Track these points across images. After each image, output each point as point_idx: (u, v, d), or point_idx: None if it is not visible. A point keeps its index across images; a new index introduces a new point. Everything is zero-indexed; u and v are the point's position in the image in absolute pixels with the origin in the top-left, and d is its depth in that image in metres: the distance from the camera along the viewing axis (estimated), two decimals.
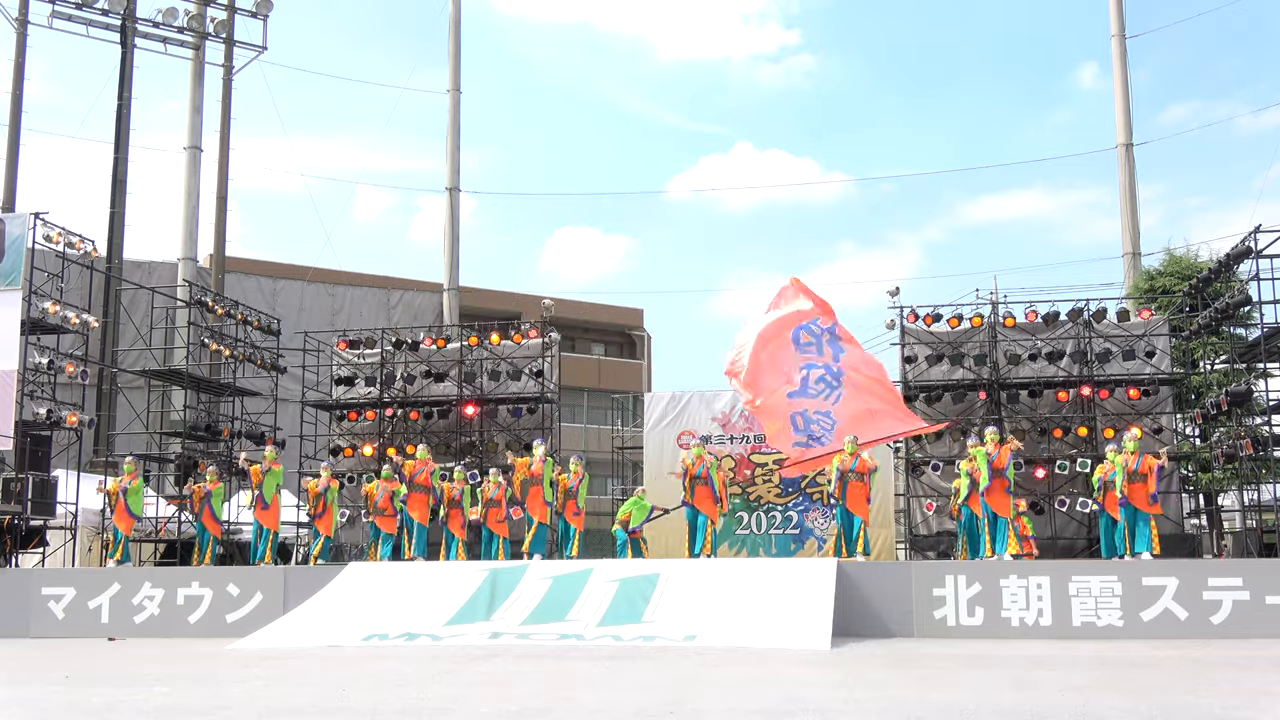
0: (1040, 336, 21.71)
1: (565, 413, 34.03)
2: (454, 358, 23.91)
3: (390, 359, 24.14)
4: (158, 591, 15.93)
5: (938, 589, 13.95)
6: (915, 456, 21.82)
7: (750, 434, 22.71)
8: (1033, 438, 21.11)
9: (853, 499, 16.45)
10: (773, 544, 22.23)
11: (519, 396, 23.38)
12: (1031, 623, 13.61)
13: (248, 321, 24.23)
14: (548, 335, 23.58)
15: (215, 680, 10.51)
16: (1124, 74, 33.43)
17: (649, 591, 14.00)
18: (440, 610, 14.22)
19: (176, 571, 16.99)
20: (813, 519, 22.19)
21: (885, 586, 14.14)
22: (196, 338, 23.55)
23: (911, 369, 21.91)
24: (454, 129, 36.96)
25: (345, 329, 26.44)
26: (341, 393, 24.29)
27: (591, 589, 14.27)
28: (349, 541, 22.46)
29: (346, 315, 36.57)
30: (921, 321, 21.82)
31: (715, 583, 14.25)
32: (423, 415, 23.56)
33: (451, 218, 36.53)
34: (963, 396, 21.51)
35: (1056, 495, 20.68)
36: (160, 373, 23.40)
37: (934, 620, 13.85)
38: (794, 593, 13.64)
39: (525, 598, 14.33)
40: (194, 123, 33.82)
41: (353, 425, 24.08)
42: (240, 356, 23.81)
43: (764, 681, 9.66)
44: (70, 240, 20.26)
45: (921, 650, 12.29)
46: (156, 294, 24.73)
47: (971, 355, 21.74)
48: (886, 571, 14.71)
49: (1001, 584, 13.79)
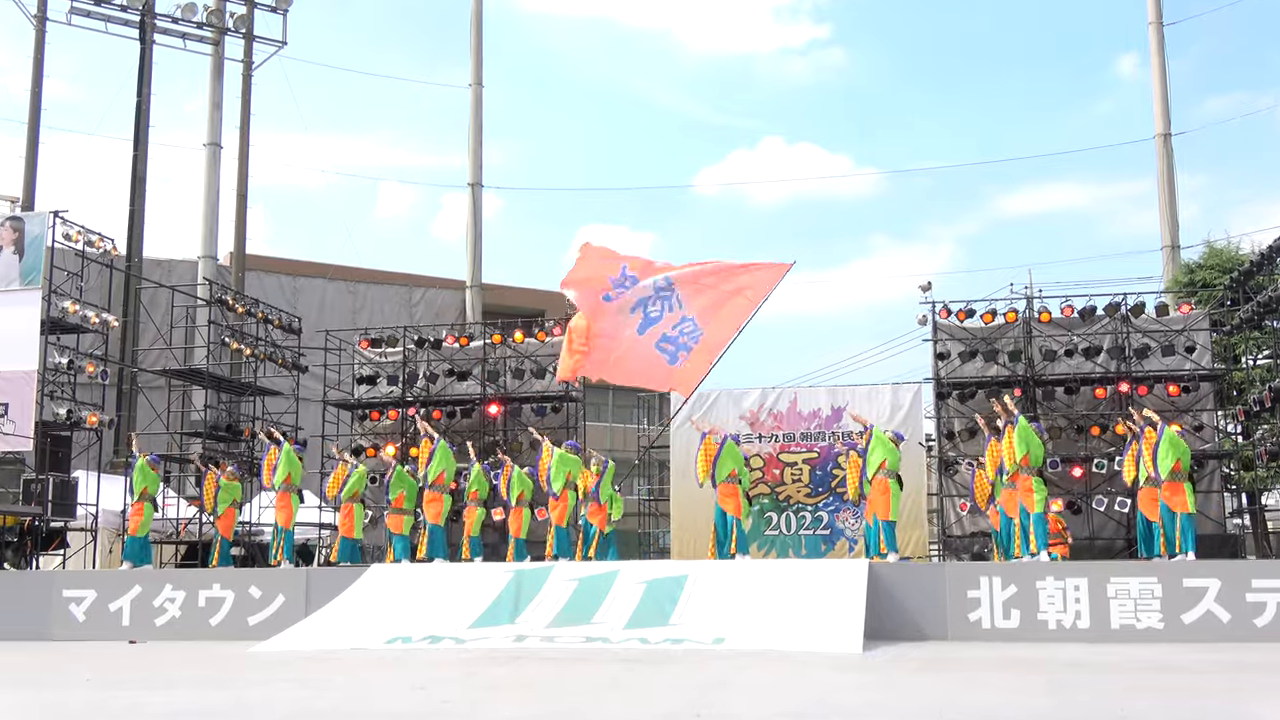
0: (1077, 332, 21.57)
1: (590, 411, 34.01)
2: (477, 356, 23.97)
3: (412, 357, 24.21)
4: (179, 594, 16.03)
5: (972, 590, 13.88)
6: (949, 455, 21.73)
7: (779, 432, 22.69)
8: (1069, 435, 20.99)
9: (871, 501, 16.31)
10: (802, 545, 22.19)
11: (543, 395, 23.41)
12: (1069, 625, 13.51)
13: (268, 320, 24.35)
14: None
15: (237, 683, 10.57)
16: (1162, 63, 33.18)
17: (677, 593, 13.98)
18: (464, 613, 14.24)
19: (198, 574, 17.10)
20: (843, 519, 22.13)
21: (918, 588, 14.08)
22: (217, 337, 23.70)
23: (944, 365, 21.82)
24: (476, 124, 37.04)
25: (367, 327, 26.51)
26: (363, 392, 24.38)
27: (618, 591, 14.27)
28: (371, 543, 22.55)
29: (368, 313, 36.69)
30: (954, 317, 21.71)
31: (744, 584, 14.22)
32: (445, 414, 23.61)
33: (474, 214, 36.61)
34: (997, 394, 21.36)
35: (1094, 494, 20.55)
36: (180, 372, 23.55)
37: (968, 623, 13.76)
38: (825, 594, 13.60)
39: (551, 600, 14.34)
40: (213, 119, 34.03)
41: (375, 425, 24.18)
42: (261, 355, 23.93)
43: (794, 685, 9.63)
44: (90, 239, 20.41)
45: (955, 653, 12.24)
46: (176, 293, 24.90)
47: (1006, 351, 21.63)
48: (919, 573, 14.65)
49: (1038, 586, 13.70)
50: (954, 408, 21.77)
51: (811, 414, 22.86)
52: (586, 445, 19.31)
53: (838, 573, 14.39)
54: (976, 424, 19.77)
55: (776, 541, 22.27)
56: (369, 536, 22.41)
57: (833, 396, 22.98)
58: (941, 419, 21.84)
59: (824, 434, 22.63)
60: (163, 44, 33.32)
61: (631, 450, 27.22)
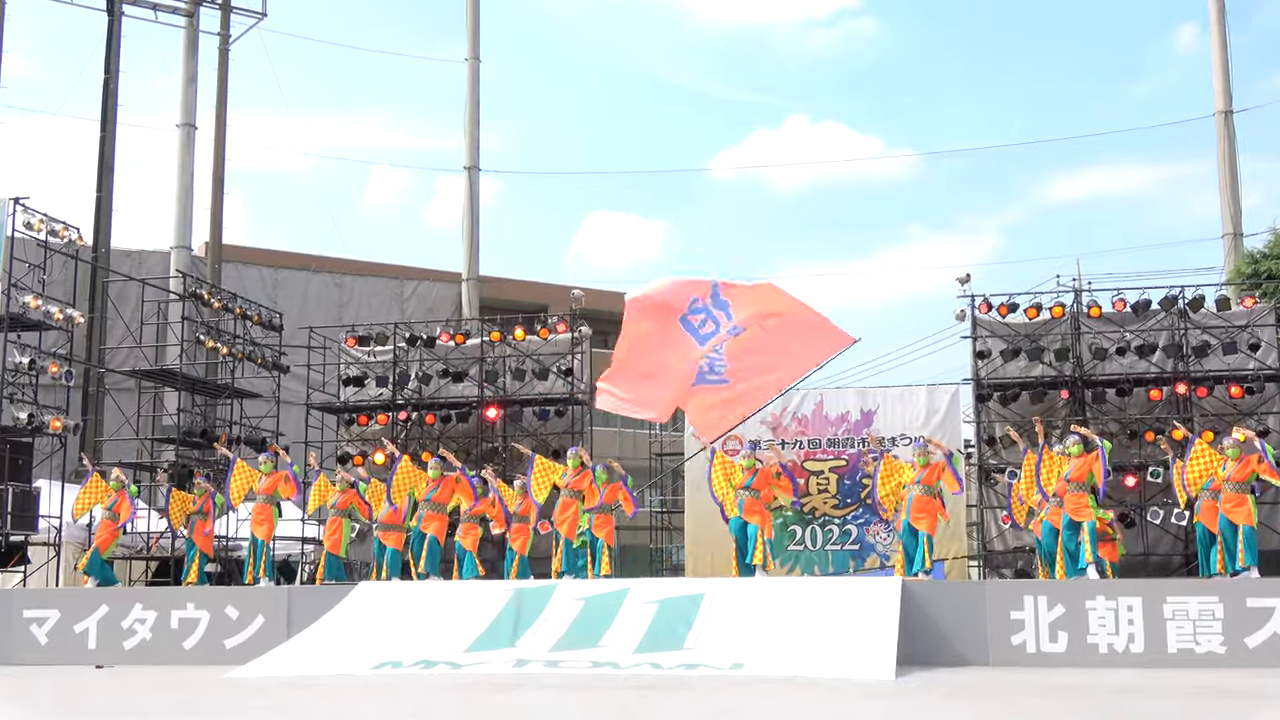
0: (1129, 328, 21.50)
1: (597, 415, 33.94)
2: (474, 355, 23.96)
3: (404, 357, 24.22)
4: (149, 614, 16.04)
5: (1015, 611, 13.85)
6: (989, 463, 21.68)
7: (803, 439, 22.65)
8: (1122, 441, 20.91)
9: (917, 511, 16.37)
10: (829, 561, 22.15)
11: (546, 398, 23.40)
12: (1121, 649, 13.48)
13: (247, 316, 24.38)
14: (578, 329, 23.60)
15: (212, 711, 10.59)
16: (1223, 33, 33.05)
17: (692, 614, 13.98)
18: (460, 635, 14.25)
19: (170, 592, 17.13)
20: (874, 533, 22.09)
21: (956, 608, 14.06)
22: (191, 334, 23.72)
23: (984, 365, 21.76)
24: (473, 102, 37.07)
25: (354, 324, 26.49)
26: (350, 394, 24.39)
27: (628, 611, 14.26)
28: (359, 559, 22.58)
29: (355, 308, 36.75)
30: (995, 312, 21.65)
31: (766, 604, 14.21)
32: (440, 419, 23.62)
33: (471, 200, 36.65)
34: (1042, 396, 21.34)
35: (1149, 506, 20.48)
36: (152, 373, 23.58)
37: (1011, 646, 13.74)
38: (854, 615, 13.58)
39: (554, 621, 14.34)
40: (187, 97, 34.10)
41: (363, 430, 24.19)
42: (239, 355, 23.97)
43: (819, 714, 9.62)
44: (53, 228, 20.46)
45: (997, 679, 12.22)
46: (147, 286, 24.94)
47: (1052, 349, 21.56)
48: (958, 592, 14.63)
49: (1087, 606, 13.67)
50: (995, 411, 21.70)
51: (839, 418, 22.81)
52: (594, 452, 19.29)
53: (868, 592, 14.37)
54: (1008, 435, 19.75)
55: (801, 557, 22.24)
56: (356, 552, 22.43)
57: (862, 399, 22.92)
58: (981, 423, 21.78)
59: (853, 440, 22.58)
60: (132, 15, 33.41)
61: (643, 458, 27.17)
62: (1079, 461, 15.92)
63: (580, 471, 17.91)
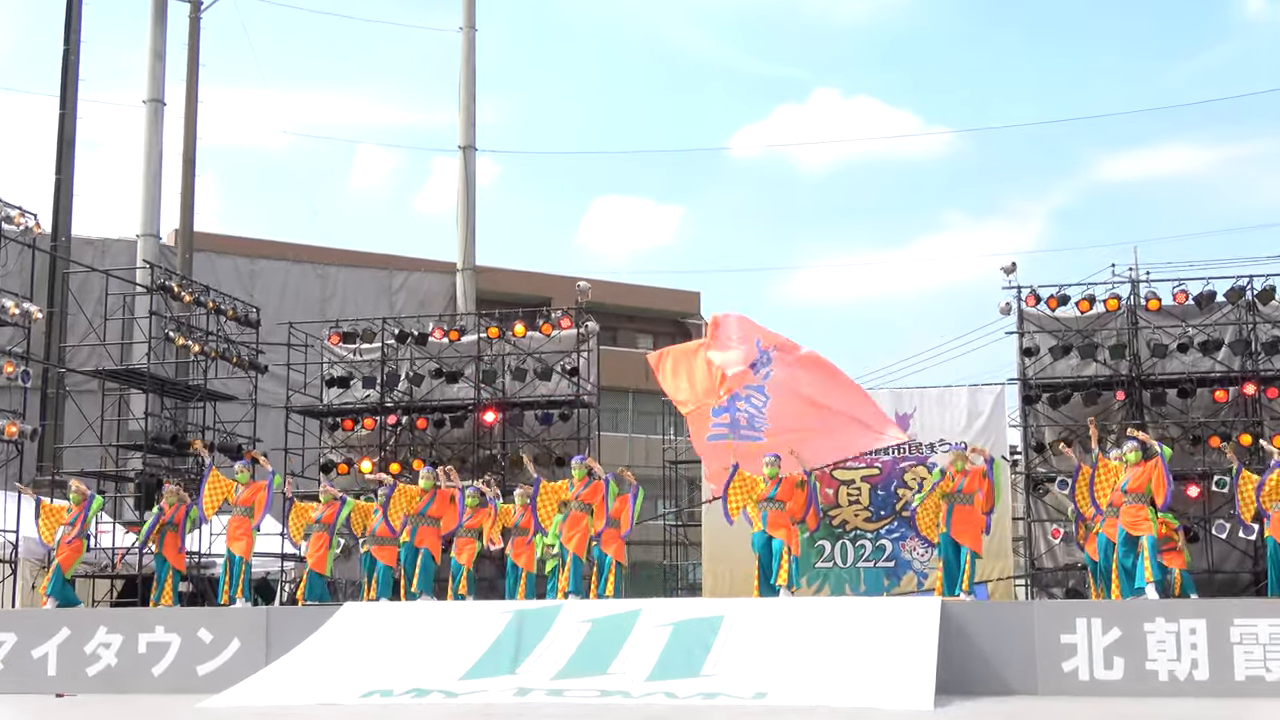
0: (1192, 322, 21.45)
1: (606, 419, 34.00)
2: (470, 353, 23.97)
3: (393, 355, 24.24)
4: (114, 638, 16.08)
5: (1067, 635, 13.84)
6: (1038, 472, 21.63)
7: None
8: (1184, 447, 20.84)
9: (960, 525, 16.35)
10: (861, 579, 22.09)
11: (549, 400, 23.40)
12: (1184, 676, 13.46)
13: (221, 310, 24.41)
14: (584, 325, 23.58)
15: None
16: None
17: (710, 638, 13.99)
18: (455, 661, 14.28)
19: (137, 614, 17.16)
20: (910, 548, 22.02)
21: (1002, 632, 14.06)
22: (160, 331, 23.75)
23: (1032, 363, 21.71)
24: (468, 75, 37.07)
25: (339, 319, 26.53)
26: (334, 396, 24.42)
27: (640, 635, 14.27)
28: (344, 577, 22.60)
29: (340, 302, 36.76)
30: (1045, 304, 21.60)
31: (791, 627, 14.20)
32: (432, 423, 23.63)
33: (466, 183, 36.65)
34: (1095, 397, 21.29)
35: (1214, 519, 20.42)
36: (117, 373, 23.61)
37: (1062, 673, 13.74)
38: (888, 639, 13.58)
39: (558, 645, 14.36)
40: (154, 71, 34.11)
41: (348, 435, 24.21)
42: (213, 353, 23.99)
43: None
44: (8, 214, 20.49)
45: (1046, 710, 12.21)
46: (111, 278, 24.93)
47: (1107, 346, 21.52)
48: (1003, 613, 14.63)
49: (1146, 629, 13.67)
50: (1044, 414, 21.66)
51: None
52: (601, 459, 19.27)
53: (904, 613, 14.37)
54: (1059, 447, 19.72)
55: (830, 575, 22.18)
56: (342, 569, 22.45)
57: (897, 401, 22.85)
58: (1029, 427, 21.74)
59: (887, 446, 22.52)
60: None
61: (655, 466, 27.17)
62: (1137, 470, 15.87)
63: (590, 482, 17.88)
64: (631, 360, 45.41)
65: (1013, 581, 22.36)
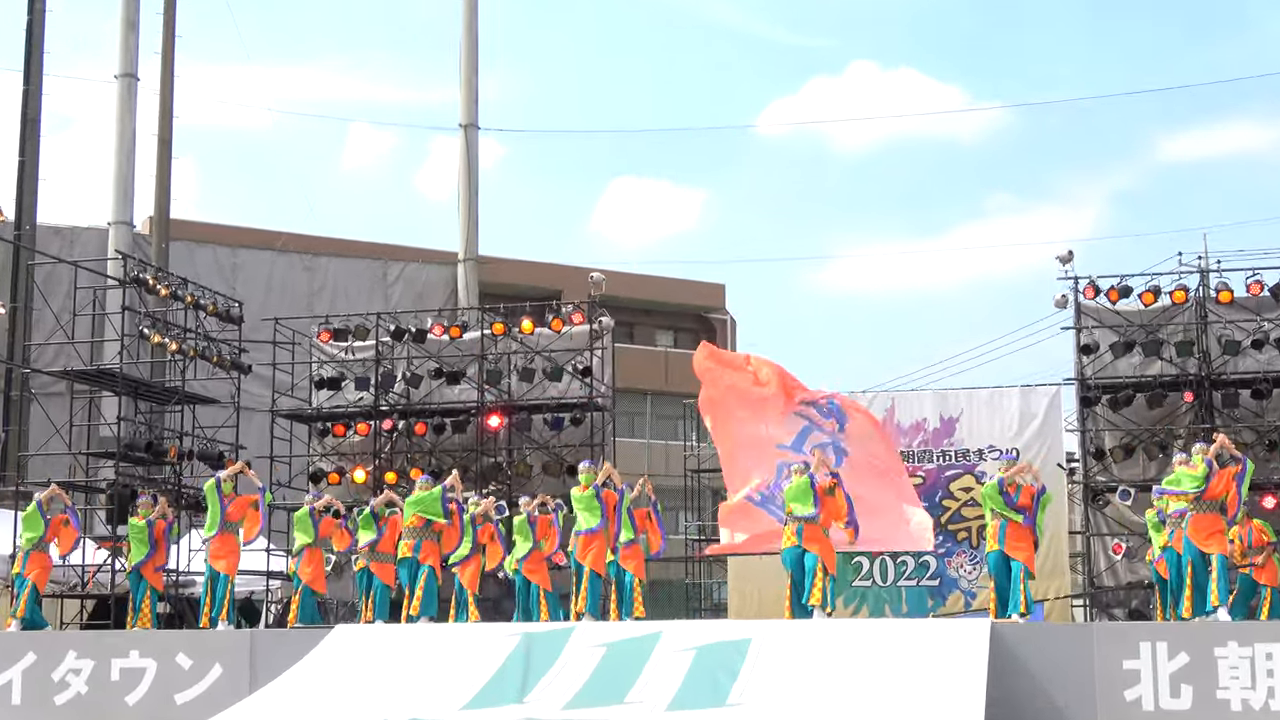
0: (1268, 316, 21.39)
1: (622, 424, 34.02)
2: (473, 351, 23.99)
3: (388, 353, 24.27)
4: (85, 663, 16.12)
5: (1129, 660, 13.81)
6: (1098, 481, 21.59)
7: None
8: (1258, 453, 20.79)
9: (1014, 539, 16.31)
10: (903, 599, 22.11)
11: (560, 402, 23.42)
12: (1259, 706, 13.41)
13: (201, 305, 24.44)
14: (598, 321, 23.60)
15: None
16: None
17: (737, 664, 13.99)
18: (457, 689, 14.31)
19: (110, 637, 17.19)
20: (956, 565, 22.03)
21: (1058, 657, 14.05)
22: (133, 327, 23.80)
23: (1090, 362, 21.67)
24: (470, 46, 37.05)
25: (329, 314, 26.58)
26: (324, 399, 24.47)
27: (659, 660, 14.28)
28: (335, 597, 22.64)
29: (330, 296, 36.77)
30: (1104, 297, 21.57)
31: (826, 652, 14.20)
32: (432, 428, 23.65)
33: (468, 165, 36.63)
34: (1161, 399, 21.24)
35: None
36: (87, 374, 23.67)
37: (1124, 702, 13.71)
38: (933, 665, 13.56)
39: (570, 672, 14.36)
40: (127, 43, 34.17)
41: (339, 442, 24.25)
42: (191, 352, 24.01)
43: None
44: None
45: None
46: (81, 269, 25.02)
47: (1173, 342, 21.47)
48: (1059, 636, 14.62)
49: (1217, 654, 13.61)
50: (1104, 417, 21.61)
51: (914, 426, 22.75)
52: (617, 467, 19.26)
53: (950, 636, 14.37)
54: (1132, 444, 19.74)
55: (869, 595, 22.20)
56: (333, 589, 22.49)
57: (942, 403, 22.87)
58: (1088, 432, 21.69)
59: (931, 453, 22.54)
60: None
61: (676, 475, 27.19)
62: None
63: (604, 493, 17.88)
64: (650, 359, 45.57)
65: (1070, 602, 22.34)
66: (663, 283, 47.53)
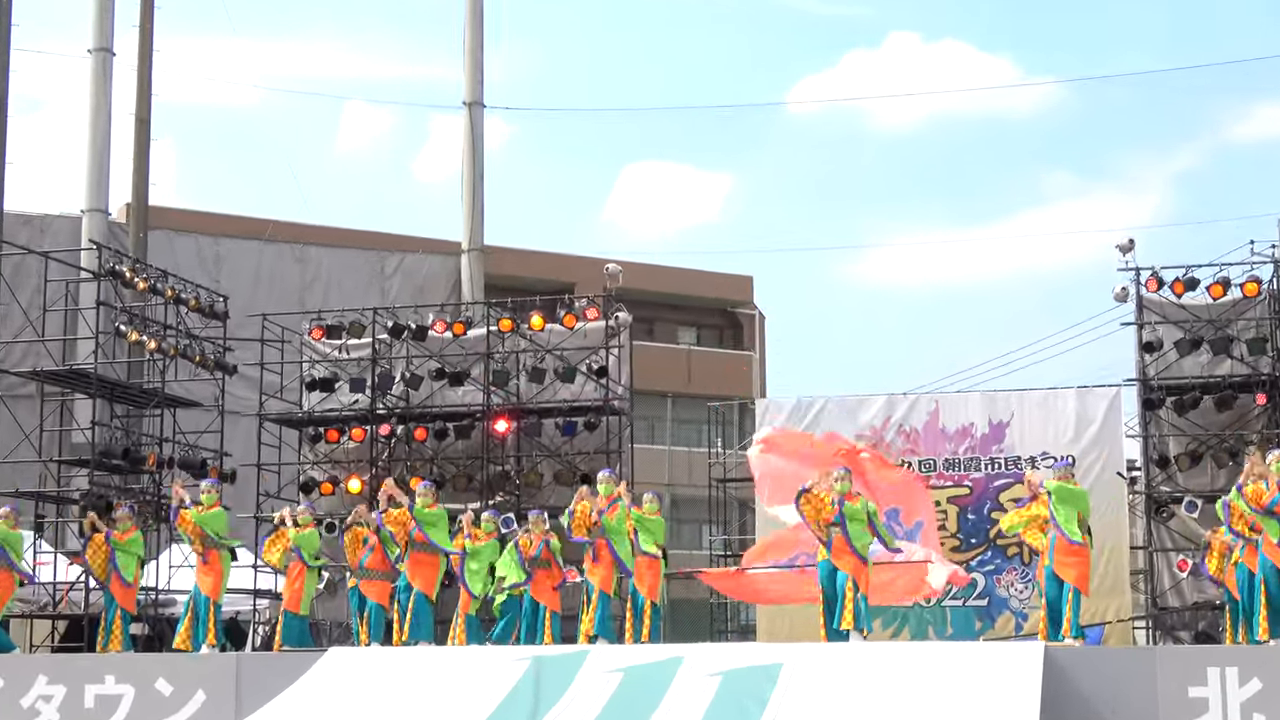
0: None
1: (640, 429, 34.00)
2: (478, 350, 23.99)
3: (386, 352, 24.28)
4: (57, 689, 16.10)
5: (1196, 688, 13.71)
6: (1161, 491, 21.51)
7: (913, 458, 22.57)
8: None
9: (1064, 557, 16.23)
10: (948, 621, 22.07)
11: (572, 405, 23.40)
12: None
13: (182, 300, 24.46)
14: (614, 316, 23.59)
15: None
16: None
17: (766, 691, 13.93)
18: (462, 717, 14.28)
19: (83, 661, 17.20)
20: (1007, 583, 21.97)
21: (1118, 684, 13.96)
22: (109, 324, 23.84)
23: (1153, 361, 21.59)
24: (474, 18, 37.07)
25: (321, 309, 26.60)
26: (316, 401, 24.48)
27: (681, 687, 14.22)
28: (329, 618, 22.63)
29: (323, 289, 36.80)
30: (1169, 290, 21.49)
31: (864, 679, 14.14)
32: (433, 433, 23.64)
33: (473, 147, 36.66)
34: (1230, 401, 21.17)
35: None
36: (58, 375, 23.72)
37: None
38: (981, 693, 13.51)
39: (584, 700, 14.33)
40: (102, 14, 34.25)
41: (333, 449, 24.25)
42: (172, 350, 24.03)
43: None
44: None
45: None
46: (52, 261, 25.07)
47: (1244, 339, 21.38)
48: (1119, 662, 14.57)
49: None
50: (1168, 421, 21.53)
51: (960, 431, 22.69)
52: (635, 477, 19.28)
53: (1000, 661, 14.32)
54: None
55: (910, 615, 22.14)
56: (326, 609, 22.50)
57: (991, 406, 22.82)
58: (1151, 438, 21.61)
59: (978, 460, 22.49)
60: None
61: (700, 485, 27.18)
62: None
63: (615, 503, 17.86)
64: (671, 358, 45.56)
65: (1131, 623, 22.26)
66: (684, 274, 47.52)
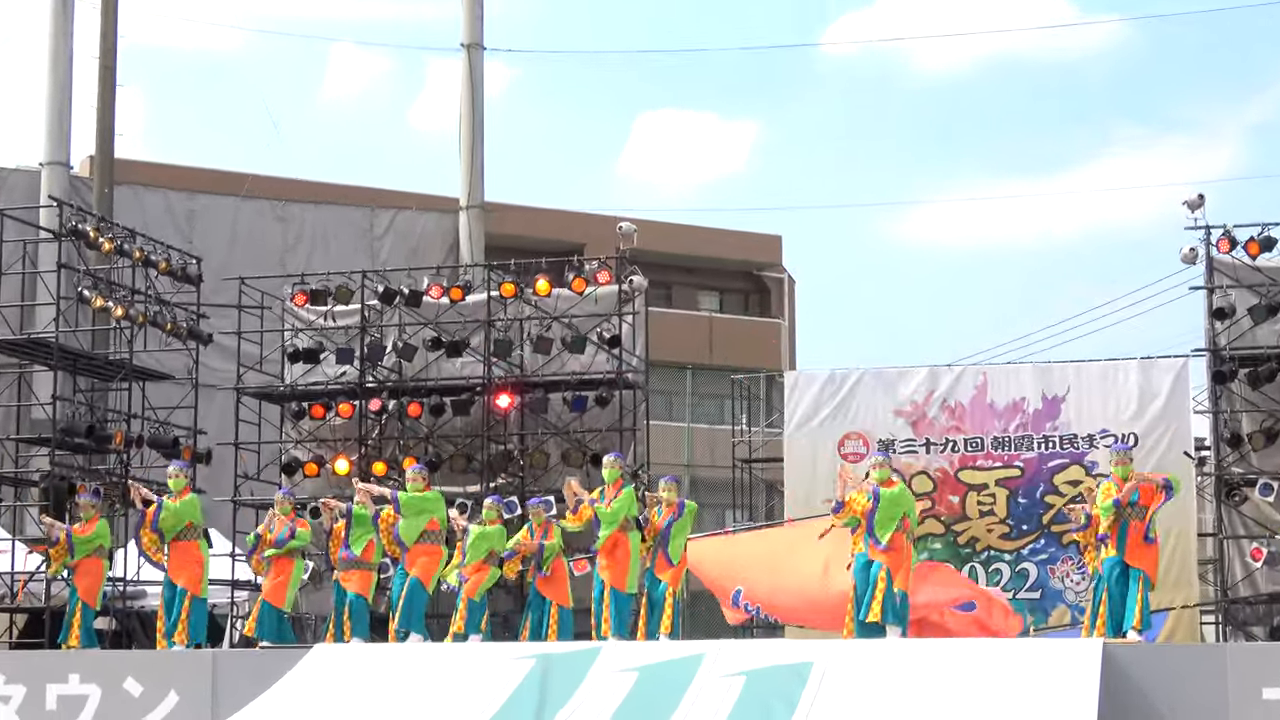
0: None
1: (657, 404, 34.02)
2: (478, 317, 24.02)
3: (376, 320, 24.32)
4: (15, 689, 16.22)
5: (1270, 689, 13.77)
6: (1233, 472, 21.51)
7: (958, 437, 22.56)
8: None
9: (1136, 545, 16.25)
10: None
11: (582, 378, 23.44)
12: None
13: (152, 262, 24.47)
14: (628, 280, 23.59)
15: None
16: None
17: (796, 691, 14.00)
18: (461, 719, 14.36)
19: (45, 659, 17.31)
20: (1061, 574, 22.00)
21: (1183, 684, 14.02)
22: (71, 289, 23.89)
23: (1225, 329, 21.56)
24: None
25: (304, 272, 26.64)
26: (300, 374, 24.52)
27: (702, 687, 14.29)
28: (315, 611, 22.71)
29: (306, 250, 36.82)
30: (1242, 250, 21.45)
31: (903, 677, 14.21)
32: (428, 409, 23.68)
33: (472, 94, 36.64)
34: None
35: None
36: (16, 344, 23.78)
37: None
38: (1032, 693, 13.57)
39: (596, 700, 14.40)
40: None
41: (318, 425, 24.29)
42: (140, 318, 24.04)
43: None
44: None
45: None
46: (8, 219, 25.13)
47: None
48: (1185, 660, 14.62)
49: None
50: (1241, 396, 21.53)
51: (1011, 406, 22.69)
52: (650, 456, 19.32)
53: (1054, 658, 14.37)
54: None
55: None
56: (312, 602, 22.57)
57: (1044, 379, 22.81)
58: (1222, 414, 21.62)
59: (1030, 439, 22.49)
60: None
61: (723, 466, 27.21)
62: None
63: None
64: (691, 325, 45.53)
65: (1198, 616, 22.28)
66: (706, 234, 47.42)
